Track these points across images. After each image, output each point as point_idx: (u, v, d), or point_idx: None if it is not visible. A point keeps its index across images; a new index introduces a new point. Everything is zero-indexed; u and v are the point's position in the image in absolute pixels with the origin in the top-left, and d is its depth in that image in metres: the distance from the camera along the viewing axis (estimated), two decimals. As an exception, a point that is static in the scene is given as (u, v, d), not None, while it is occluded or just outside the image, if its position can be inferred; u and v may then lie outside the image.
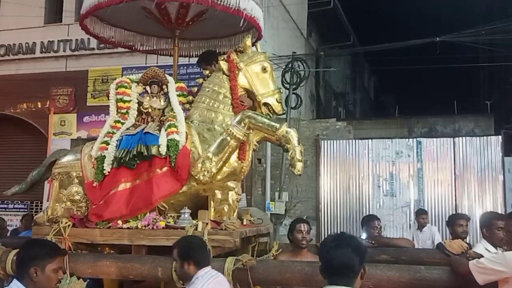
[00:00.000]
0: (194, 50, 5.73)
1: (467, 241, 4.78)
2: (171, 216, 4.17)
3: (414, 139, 10.86)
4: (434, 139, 10.86)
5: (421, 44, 12.26)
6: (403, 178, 10.49)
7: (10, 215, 12.08)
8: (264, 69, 4.47)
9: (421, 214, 8.06)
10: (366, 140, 10.99)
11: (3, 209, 12.30)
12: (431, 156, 10.44)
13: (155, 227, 3.91)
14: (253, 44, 5.16)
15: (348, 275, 2.30)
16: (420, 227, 7.85)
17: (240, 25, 4.60)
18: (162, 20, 4.92)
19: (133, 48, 5.79)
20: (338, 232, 2.70)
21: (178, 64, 5.21)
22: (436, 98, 22.44)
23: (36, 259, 2.65)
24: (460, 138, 10.61)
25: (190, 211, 4.03)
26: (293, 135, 4.05)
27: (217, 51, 5.36)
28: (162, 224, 3.93)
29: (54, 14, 12.78)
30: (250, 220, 4.63)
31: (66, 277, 3.75)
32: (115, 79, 4.81)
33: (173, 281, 3.60)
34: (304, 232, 4.38)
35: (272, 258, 4.46)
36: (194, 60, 5.60)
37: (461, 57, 13.31)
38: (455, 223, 5.56)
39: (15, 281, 2.67)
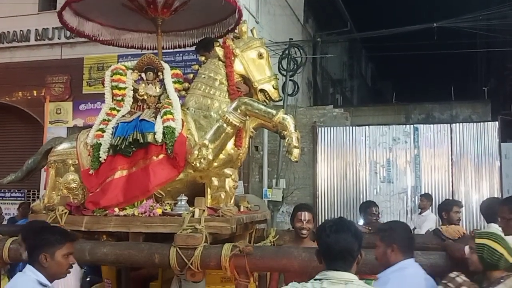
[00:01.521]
0: (175, 41, 5.66)
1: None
2: (167, 203, 4.16)
3: (411, 126, 10.88)
4: (431, 125, 10.88)
5: (419, 30, 12.21)
6: (400, 165, 10.53)
7: (7, 203, 12.08)
8: (260, 55, 4.43)
9: (422, 197, 8.18)
10: (364, 127, 11.00)
11: (0, 198, 12.30)
12: (428, 142, 10.47)
13: (151, 214, 3.90)
14: (232, 30, 5.19)
15: (348, 259, 2.30)
16: (420, 210, 7.97)
17: (224, 9, 4.65)
18: (146, 9, 4.83)
19: (114, 44, 5.65)
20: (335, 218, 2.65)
21: (174, 51, 5.17)
22: (433, 84, 22.45)
23: (45, 245, 2.67)
24: (457, 124, 10.64)
25: (187, 198, 4.02)
26: (290, 121, 4.03)
27: (196, 41, 5.35)
28: (159, 211, 3.92)
29: (48, 1, 12.66)
30: (247, 207, 4.62)
31: None
32: (110, 66, 4.78)
33: (171, 268, 3.61)
34: (304, 222, 4.24)
35: (270, 244, 4.46)
36: (188, 48, 5.60)
37: (459, 43, 13.29)
38: (452, 209, 5.57)
39: (28, 266, 2.68)
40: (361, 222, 5.87)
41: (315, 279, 2.31)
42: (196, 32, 5.48)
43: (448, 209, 5.61)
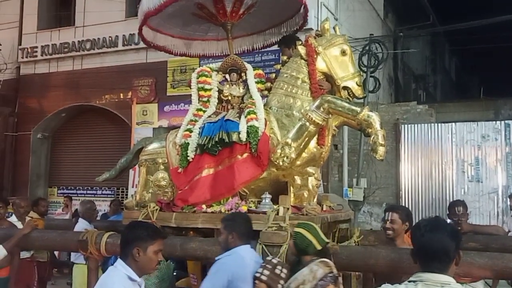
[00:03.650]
0: (243, 45, 5.70)
1: None
2: (252, 201, 4.24)
3: (502, 122, 10.23)
4: (524, 121, 10.18)
5: (507, 21, 11.45)
6: (489, 163, 9.95)
7: (99, 200, 12.80)
8: (343, 52, 4.38)
9: (510, 197, 7.66)
10: (450, 124, 10.51)
11: (92, 195, 13.07)
12: (521, 139, 9.83)
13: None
14: (299, 29, 5.21)
15: (444, 260, 2.19)
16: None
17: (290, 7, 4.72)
18: (216, 16, 4.91)
19: (187, 54, 5.80)
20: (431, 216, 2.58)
21: (253, 52, 5.23)
22: (526, 77, 20.98)
23: (138, 240, 2.75)
24: (554, 119, 9.89)
25: (271, 196, 4.07)
26: (375, 119, 3.94)
27: (266, 43, 5.45)
28: (244, 208, 4.00)
29: (134, 7, 13.24)
30: (329, 206, 4.60)
31: None
32: (192, 68, 4.94)
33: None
34: (387, 222, 4.06)
35: (354, 244, 4.40)
36: (269, 48, 5.66)
37: (555, 32, 12.34)
38: None
39: (119, 261, 2.78)
40: (448, 222, 5.63)
41: (409, 281, 2.22)
42: (264, 33, 5.53)
43: None
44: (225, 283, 3.21)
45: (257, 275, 3.16)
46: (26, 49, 14.21)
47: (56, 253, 8.35)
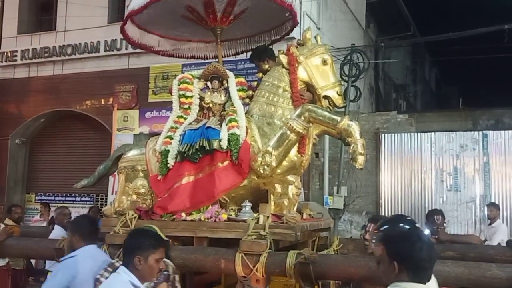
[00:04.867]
0: (233, 49, 5.68)
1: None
2: (232, 209, 4.21)
3: (480, 132, 10.42)
4: (502, 131, 10.36)
5: (487, 33, 11.68)
6: (468, 173, 10.12)
7: (78, 207, 12.68)
8: (324, 62, 4.41)
9: (490, 206, 7.81)
10: (429, 133, 10.66)
11: (71, 202, 12.93)
12: (498, 149, 10.01)
13: (217, 220, 3.97)
14: (287, 34, 5.24)
15: (423, 269, 2.19)
16: (490, 220, 7.62)
17: (280, 14, 4.75)
18: (206, 20, 4.89)
19: (174, 55, 5.71)
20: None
21: (236, 59, 5.23)
22: (503, 89, 21.36)
23: (139, 249, 2.76)
24: (530, 130, 10.08)
25: (251, 204, 4.06)
26: (355, 128, 3.98)
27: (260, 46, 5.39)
28: (224, 216, 3.98)
29: (116, 13, 13.21)
30: (310, 214, 4.60)
31: None
32: (175, 75, 4.92)
33: (235, 274, 3.65)
34: (367, 233, 3.96)
35: (334, 253, 4.41)
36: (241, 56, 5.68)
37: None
38: None
39: (122, 267, 2.80)
40: (426, 231, 5.69)
41: None
42: (253, 39, 5.51)
43: None
44: (65, 283, 3.38)
45: (98, 277, 3.31)
46: (5, 53, 14.05)
47: (33, 261, 8.20)
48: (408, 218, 3.01)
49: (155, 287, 3.15)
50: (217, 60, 5.08)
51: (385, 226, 2.88)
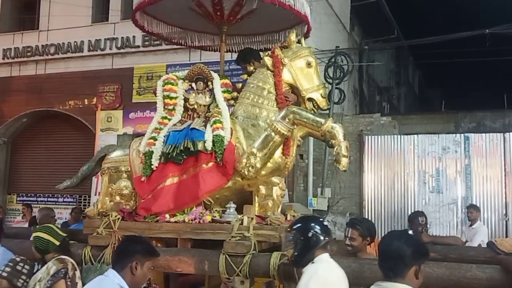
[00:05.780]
0: (239, 45, 5.71)
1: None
2: (216, 210, 4.22)
3: (462, 135, 10.54)
4: (483, 134, 10.49)
5: (469, 37, 11.85)
6: (450, 175, 10.22)
7: (60, 208, 12.54)
8: (308, 64, 4.45)
9: (470, 208, 7.91)
10: (412, 136, 10.75)
11: (54, 202, 12.79)
12: (479, 152, 10.12)
13: (201, 221, 3.97)
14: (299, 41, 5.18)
15: (399, 266, 2.22)
16: (470, 222, 7.73)
17: (290, 18, 4.73)
18: (213, 16, 4.93)
19: (179, 43, 5.81)
20: (383, 229, 2.70)
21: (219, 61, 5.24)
22: (485, 92, 21.67)
23: (139, 254, 2.79)
24: (511, 133, 10.23)
25: (235, 205, 4.07)
26: (339, 130, 4.02)
27: (261, 47, 5.39)
28: (208, 218, 3.98)
29: (100, 13, 13.12)
30: (293, 216, 4.63)
31: (99, 266, 3.91)
32: (159, 76, 4.90)
33: (219, 275, 3.66)
34: (347, 238, 4.05)
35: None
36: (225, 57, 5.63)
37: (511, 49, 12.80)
38: None
39: (111, 270, 2.77)
40: (410, 232, 5.75)
41: None
42: (259, 37, 5.54)
43: None
44: None
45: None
46: (-13, 52, 13.84)
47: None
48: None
49: (52, 285, 3.32)
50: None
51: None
